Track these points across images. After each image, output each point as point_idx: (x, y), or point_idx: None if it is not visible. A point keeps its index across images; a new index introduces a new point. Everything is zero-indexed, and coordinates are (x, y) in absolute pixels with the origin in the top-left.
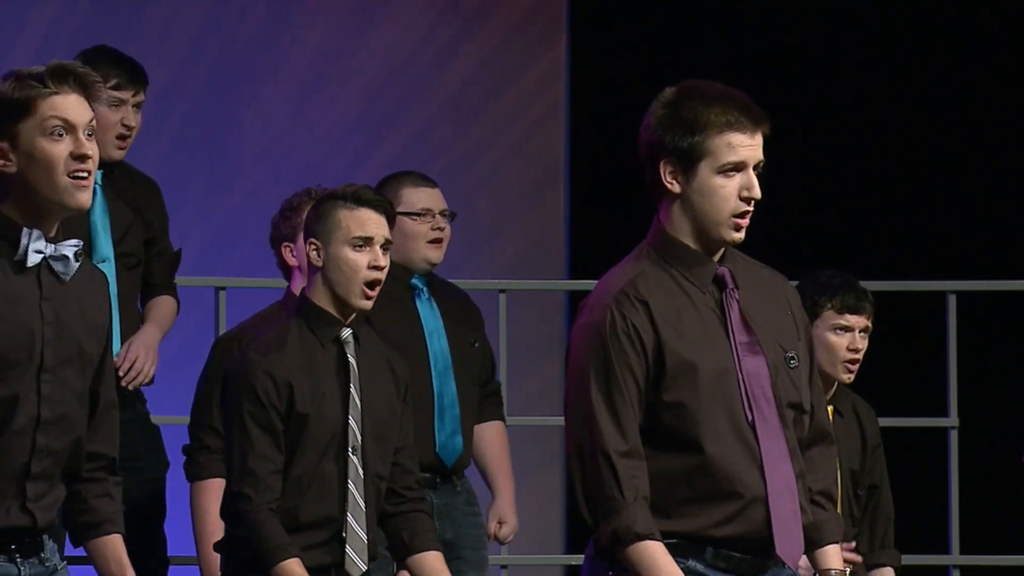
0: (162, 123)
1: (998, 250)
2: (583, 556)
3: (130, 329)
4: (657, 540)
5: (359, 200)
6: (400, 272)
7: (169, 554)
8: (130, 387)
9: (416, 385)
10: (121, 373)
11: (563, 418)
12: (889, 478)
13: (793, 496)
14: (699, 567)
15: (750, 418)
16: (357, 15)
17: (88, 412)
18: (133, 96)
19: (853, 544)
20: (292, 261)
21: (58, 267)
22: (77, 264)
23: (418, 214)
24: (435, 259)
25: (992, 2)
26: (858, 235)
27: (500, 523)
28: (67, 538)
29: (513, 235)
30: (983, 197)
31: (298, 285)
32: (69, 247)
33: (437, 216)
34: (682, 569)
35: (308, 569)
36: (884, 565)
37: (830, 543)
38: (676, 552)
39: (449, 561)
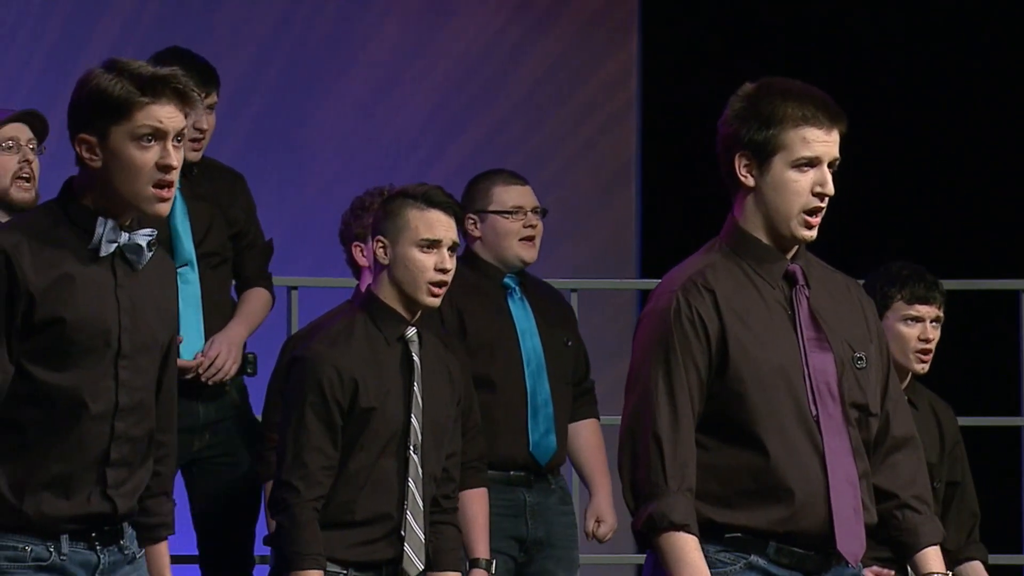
0: (235, 122)
1: None
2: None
3: (219, 326)
4: (692, 533)
5: (429, 201)
6: (493, 271)
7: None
8: (210, 382)
9: (509, 384)
10: (202, 370)
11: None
12: None
13: (855, 493)
14: (761, 563)
15: (814, 413)
16: (429, 14)
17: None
18: (205, 98)
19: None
20: (362, 261)
21: (131, 256)
22: (150, 253)
23: (510, 212)
24: (528, 257)
25: None
26: (931, 233)
27: (598, 522)
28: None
29: (585, 234)
30: None
31: (367, 284)
32: (143, 236)
33: (529, 213)
34: (744, 565)
35: (363, 565)
36: (973, 559)
37: (929, 545)
38: (739, 547)
39: (539, 559)
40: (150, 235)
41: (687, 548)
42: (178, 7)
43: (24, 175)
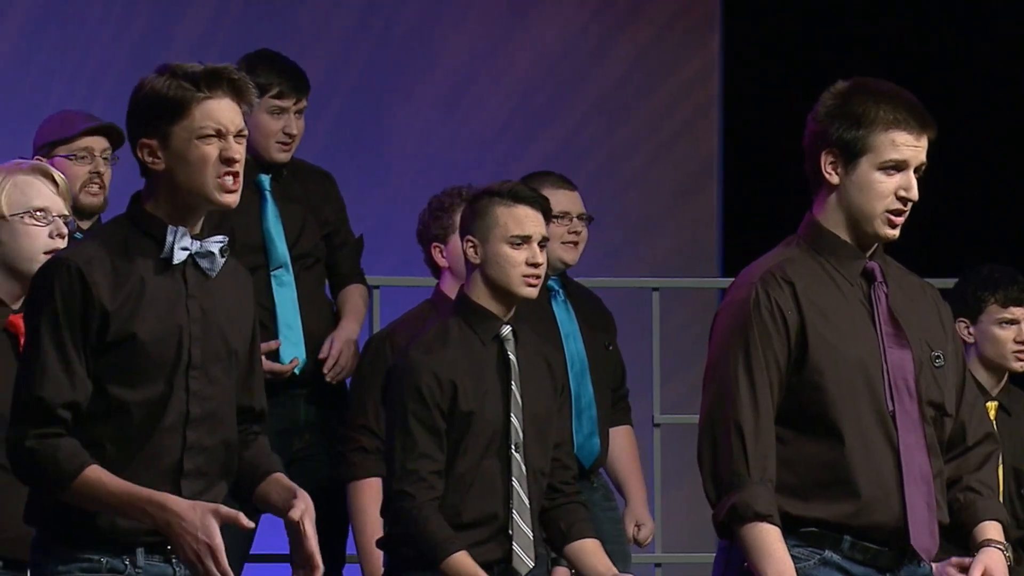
0: (315, 122)
1: None
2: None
3: (318, 325)
4: (775, 524)
5: (516, 197)
6: None
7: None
8: (335, 381)
9: None
10: (326, 369)
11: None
12: None
13: (929, 489)
14: (836, 558)
15: (891, 408)
16: (509, 14)
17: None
18: (295, 104)
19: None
20: (442, 262)
21: (204, 264)
22: (223, 260)
23: (555, 216)
24: (570, 261)
25: None
26: (1017, 236)
27: (638, 526)
28: None
29: (666, 233)
30: None
31: (448, 284)
32: (215, 243)
33: (574, 219)
34: (819, 561)
35: (487, 566)
36: None
37: (988, 520)
38: (813, 542)
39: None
40: (221, 242)
41: (770, 539)
42: (259, 9)
43: (93, 183)
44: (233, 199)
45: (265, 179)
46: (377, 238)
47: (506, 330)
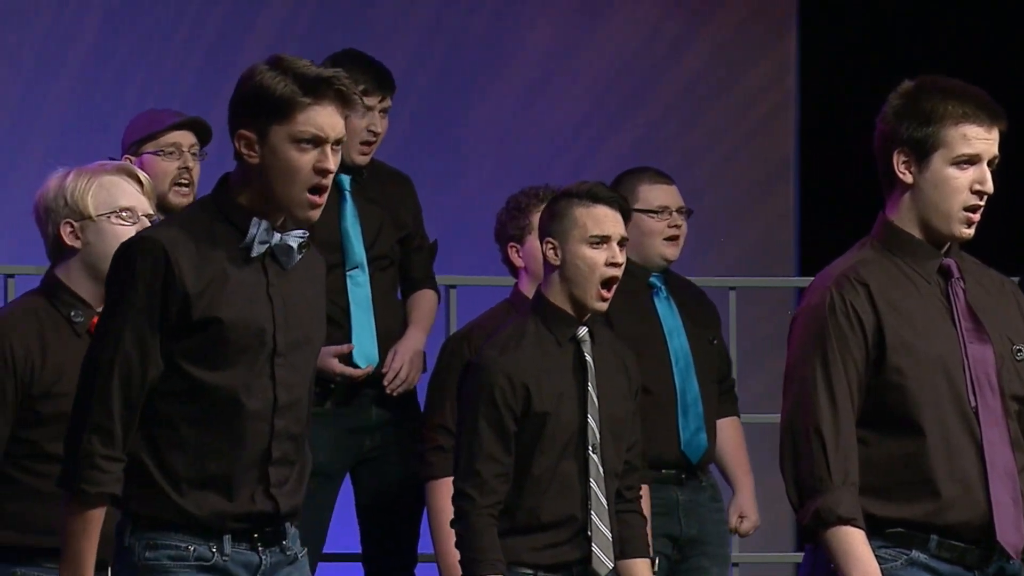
0: (392, 122)
1: None
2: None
3: (390, 329)
4: (859, 528)
5: (595, 197)
6: (637, 270)
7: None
8: (395, 393)
9: (658, 383)
10: (386, 382)
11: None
12: None
13: (1015, 484)
14: (923, 558)
15: (973, 404)
16: (585, 11)
17: None
18: (380, 102)
19: None
20: (518, 262)
21: (281, 257)
22: (300, 256)
23: (655, 211)
24: (671, 256)
25: None
26: None
27: (741, 518)
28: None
29: (743, 232)
30: None
31: (525, 284)
32: (295, 239)
33: (674, 213)
34: (906, 561)
35: (552, 567)
36: None
37: None
38: (900, 543)
39: (692, 556)
40: (302, 237)
41: (856, 542)
42: (334, 8)
43: (183, 181)
44: (315, 215)
45: (345, 179)
46: (454, 237)
47: (582, 331)
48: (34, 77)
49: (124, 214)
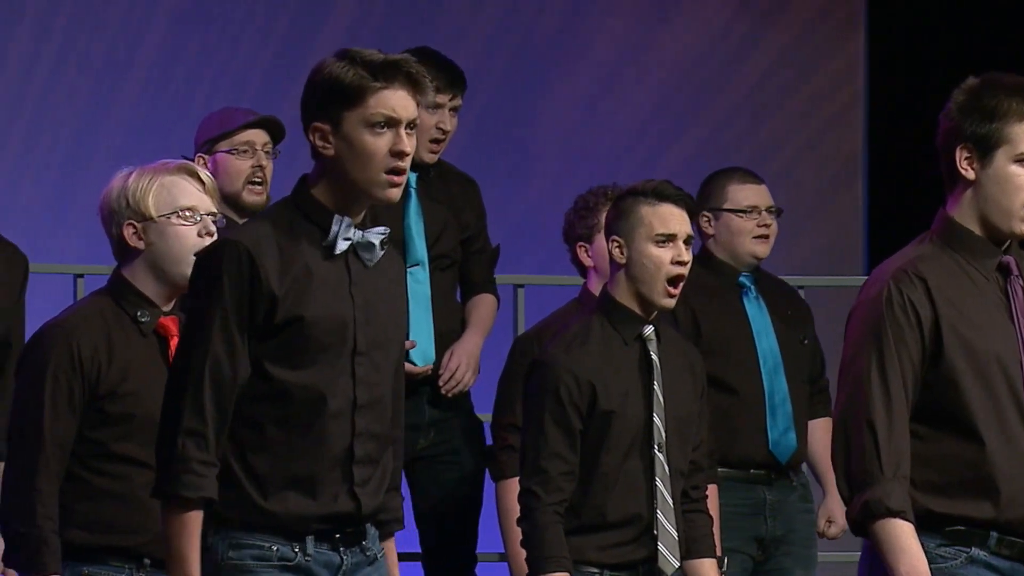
0: (460, 119)
1: None
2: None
3: (448, 329)
4: (908, 520)
5: (660, 195)
6: (727, 269)
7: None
8: (450, 394)
9: (746, 383)
10: (442, 382)
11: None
12: None
13: None
14: (982, 555)
15: None
16: (654, 11)
17: None
18: (451, 100)
19: None
20: (587, 261)
21: (364, 255)
22: (382, 252)
23: (744, 211)
24: (761, 254)
25: None
26: None
27: (829, 521)
28: None
29: (811, 231)
30: None
31: (594, 283)
32: (376, 235)
33: (763, 213)
34: (966, 559)
35: (617, 566)
36: None
37: None
38: (960, 541)
39: (776, 556)
40: (383, 233)
41: (904, 535)
42: (403, 8)
43: (256, 179)
44: (395, 193)
45: (412, 176)
46: (522, 236)
47: (648, 330)
48: (103, 78)
49: (185, 214)
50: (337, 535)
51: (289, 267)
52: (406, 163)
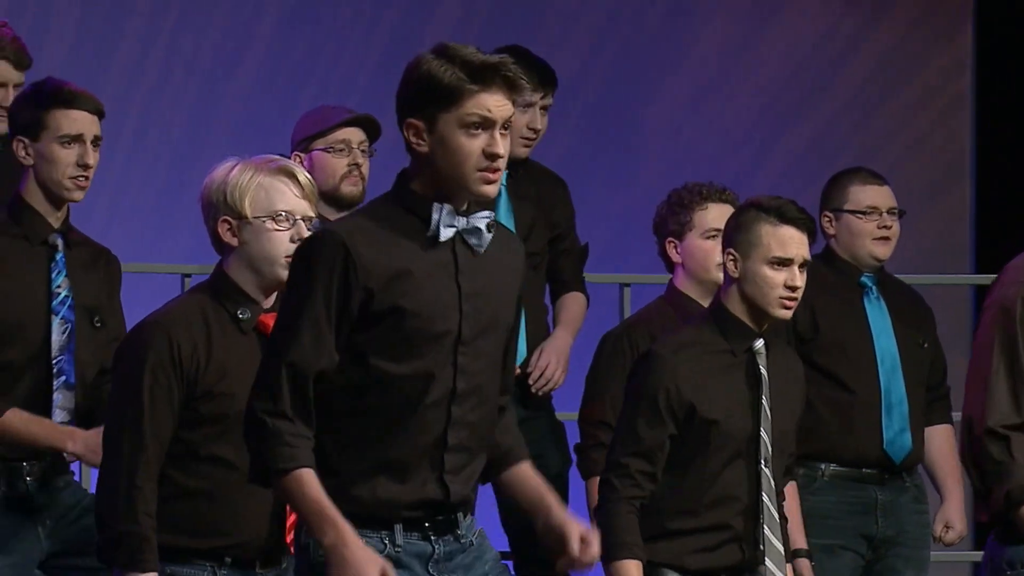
0: (565, 119)
1: None
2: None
3: (535, 327)
4: None
5: (783, 216)
6: (849, 269)
7: None
8: (540, 393)
9: (863, 383)
10: (531, 380)
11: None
12: None
13: None
14: None
15: None
16: (759, 10)
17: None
18: (541, 99)
19: None
20: (676, 257)
21: (472, 240)
22: (490, 235)
23: (864, 212)
24: (882, 256)
25: None
26: None
27: (947, 527)
28: None
29: (918, 229)
30: None
31: (681, 280)
32: (481, 219)
33: (884, 214)
34: None
35: (705, 572)
36: None
37: None
38: None
39: (886, 557)
40: (488, 217)
41: None
42: (507, 8)
43: (353, 177)
44: (492, 190)
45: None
46: (626, 236)
47: (759, 343)
48: (211, 78)
49: (280, 218)
50: (427, 524)
51: (388, 258)
52: (500, 164)
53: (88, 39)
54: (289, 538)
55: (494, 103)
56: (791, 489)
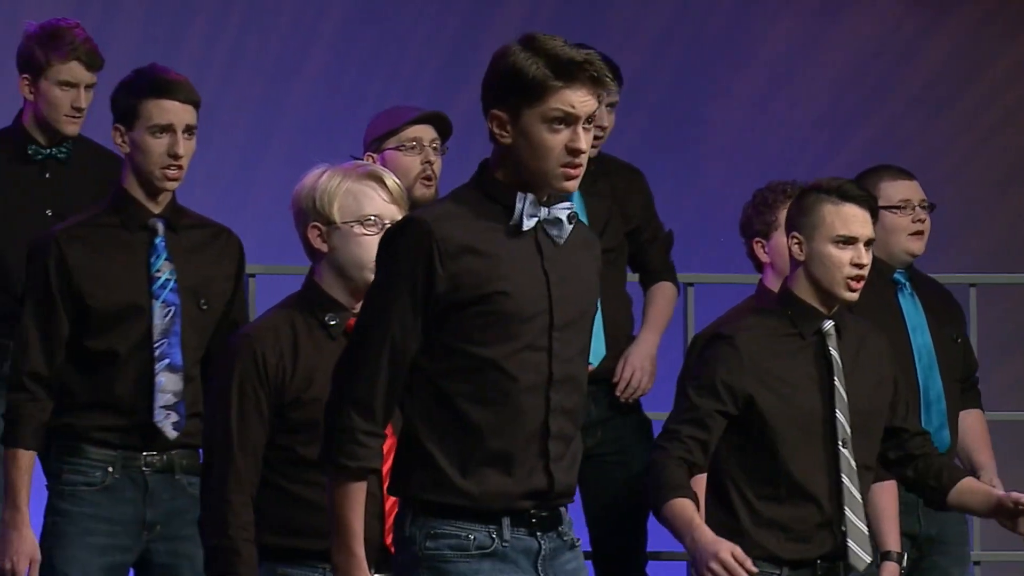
0: (630, 118)
1: None
2: None
3: (618, 322)
4: None
5: (844, 195)
6: (882, 266)
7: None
8: (628, 401)
9: None
10: (618, 392)
11: None
12: None
13: None
14: None
15: None
16: (826, 7)
17: None
18: (607, 96)
19: None
20: (764, 257)
21: (552, 231)
22: (570, 227)
23: (897, 207)
24: (916, 251)
25: None
26: None
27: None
28: None
29: (983, 228)
30: None
31: (770, 279)
32: (562, 210)
33: (916, 208)
34: None
35: (796, 563)
36: None
37: None
38: None
39: (931, 556)
40: (568, 208)
41: None
42: (573, 7)
43: (426, 175)
44: (573, 185)
45: None
46: (692, 235)
47: (827, 325)
48: (276, 78)
49: (368, 222)
50: (534, 519)
51: (474, 244)
52: (582, 159)
53: (152, 39)
54: (388, 540)
55: (578, 99)
56: (891, 487)
